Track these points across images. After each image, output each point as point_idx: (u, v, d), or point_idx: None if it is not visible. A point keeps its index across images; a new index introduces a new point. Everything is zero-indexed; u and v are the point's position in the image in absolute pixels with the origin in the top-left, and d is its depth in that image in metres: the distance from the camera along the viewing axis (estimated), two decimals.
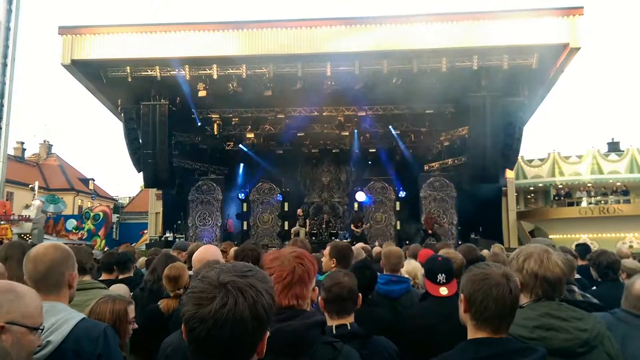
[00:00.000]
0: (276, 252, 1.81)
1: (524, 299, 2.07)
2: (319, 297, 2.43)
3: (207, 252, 3.22)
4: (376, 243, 13.31)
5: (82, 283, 2.78)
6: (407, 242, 15.79)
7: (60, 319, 1.88)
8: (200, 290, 1.09)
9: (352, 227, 17.61)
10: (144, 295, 3.91)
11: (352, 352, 1.82)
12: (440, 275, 3.02)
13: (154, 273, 3.93)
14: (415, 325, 2.92)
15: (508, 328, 1.80)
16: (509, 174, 18.85)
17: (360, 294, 2.46)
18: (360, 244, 5.93)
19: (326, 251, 3.85)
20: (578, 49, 14.02)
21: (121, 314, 2.68)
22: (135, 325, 2.78)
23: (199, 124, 18.62)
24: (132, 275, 4.78)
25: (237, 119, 18.64)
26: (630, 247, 17.42)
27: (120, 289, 3.86)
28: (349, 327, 2.32)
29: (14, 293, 1.48)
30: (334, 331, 2.29)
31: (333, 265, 3.59)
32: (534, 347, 1.76)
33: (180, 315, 1.12)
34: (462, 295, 1.85)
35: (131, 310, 2.76)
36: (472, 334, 1.81)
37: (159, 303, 3.41)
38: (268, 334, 1.16)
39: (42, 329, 1.56)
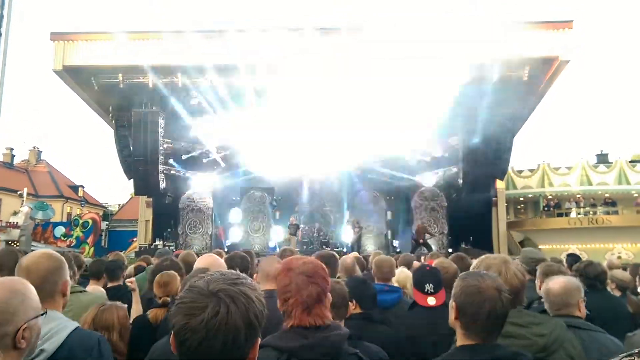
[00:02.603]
0: (286, 270, 1.79)
1: None
2: None
3: (211, 261, 3.16)
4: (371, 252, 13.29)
5: None
6: (398, 251, 15.82)
7: (54, 327, 1.85)
8: (191, 300, 1.07)
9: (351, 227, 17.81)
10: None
11: None
12: (428, 285, 3.01)
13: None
14: (401, 335, 2.90)
15: (497, 336, 1.81)
16: (499, 184, 18.98)
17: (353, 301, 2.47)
18: (353, 254, 5.91)
19: None
20: (567, 61, 14.22)
21: (125, 320, 2.68)
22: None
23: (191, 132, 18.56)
24: (120, 284, 4.71)
25: (228, 126, 18.57)
26: (619, 257, 17.59)
27: (95, 292, 3.82)
28: None
29: (20, 293, 1.54)
30: None
31: None
32: (522, 353, 1.77)
33: (169, 327, 1.10)
34: (453, 302, 1.84)
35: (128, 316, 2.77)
36: (461, 340, 1.82)
37: (147, 313, 3.37)
38: (259, 341, 1.14)
39: (46, 312, 1.65)
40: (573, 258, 6.04)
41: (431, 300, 2.96)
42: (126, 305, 3.04)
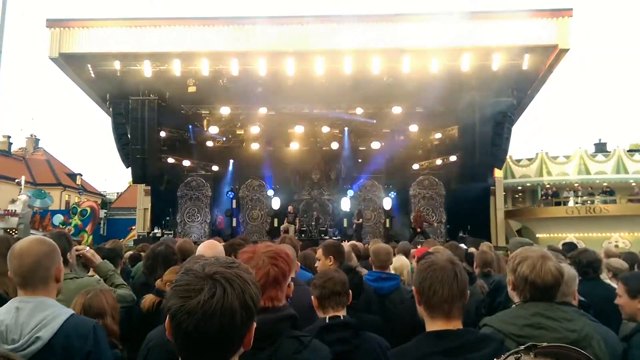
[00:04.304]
0: (251, 250, 1.79)
1: (515, 298, 2.10)
2: (312, 297, 2.44)
3: (211, 247, 3.17)
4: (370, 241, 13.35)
5: None
6: (396, 240, 15.89)
7: (49, 314, 1.85)
8: (186, 283, 1.06)
9: (354, 220, 17.99)
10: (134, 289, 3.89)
11: (322, 347, 1.81)
12: None
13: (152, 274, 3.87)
14: (406, 322, 2.92)
15: (461, 315, 1.81)
16: (498, 173, 19.00)
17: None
18: (350, 242, 5.93)
19: (319, 253, 3.82)
20: (567, 50, 14.15)
21: (114, 302, 2.68)
22: None
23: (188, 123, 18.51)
24: (119, 272, 4.73)
25: (227, 115, 18.55)
26: (616, 246, 17.68)
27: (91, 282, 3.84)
28: (342, 318, 2.34)
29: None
30: (327, 321, 2.30)
31: (330, 264, 3.59)
32: (491, 336, 1.78)
33: (165, 311, 1.09)
34: (413, 288, 1.88)
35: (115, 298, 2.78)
36: (428, 325, 1.83)
37: (143, 298, 3.40)
38: (255, 324, 1.14)
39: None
40: (570, 246, 6.07)
41: None
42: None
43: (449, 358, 1.67)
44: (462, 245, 6.00)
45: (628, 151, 25.02)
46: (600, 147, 27.87)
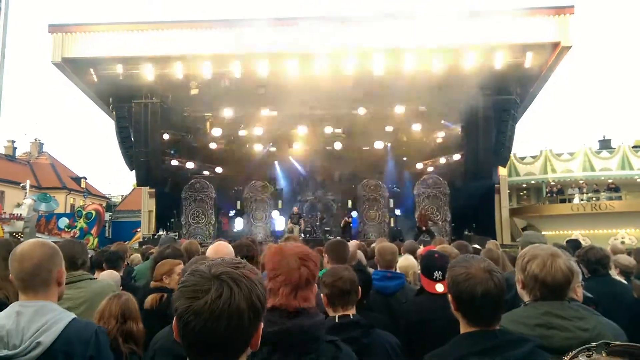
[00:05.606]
0: (279, 251, 1.80)
1: (525, 297, 2.08)
2: (322, 295, 2.44)
3: (221, 248, 3.18)
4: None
5: (71, 276, 2.76)
6: (401, 239, 15.84)
7: (50, 319, 1.83)
8: (193, 284, 1.06)
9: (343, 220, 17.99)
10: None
11: (351, 353, 1.84)
12: (436, 272, 3.01)
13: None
14: (410, 321, 2.92)
15: (500, 319, 1.82)
16: (502, 171, 18.95)
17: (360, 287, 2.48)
18: (355, 242, 5.92)
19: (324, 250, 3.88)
20: (569, 47, 14.10)
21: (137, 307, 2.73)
22: None
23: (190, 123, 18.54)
24: (121, 274, 4.76)
25: (229, 117, 18.57)
26: (622, 242, 17.58)
27: (111, 276, 3.88)
28: (351, 317, 2.34)
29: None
30: (337, 320, 2.30)
31: (326, 262, 3.59)
32: (526, 338, 1.77)
33: (172, 312, 1.09)
34: (449, 294, 1.87)
35: None
36: (464, 328, 1.83)
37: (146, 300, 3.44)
38: (262, 325, 1.14)
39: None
40: (574, 243, 6.03)
41: (439, 287, 2.97)
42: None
43: (487, 357, 1.68)
44: (477, 246, 5.97)
45: (633, 147, 24.90)
46: (605, 144, 27.73)
